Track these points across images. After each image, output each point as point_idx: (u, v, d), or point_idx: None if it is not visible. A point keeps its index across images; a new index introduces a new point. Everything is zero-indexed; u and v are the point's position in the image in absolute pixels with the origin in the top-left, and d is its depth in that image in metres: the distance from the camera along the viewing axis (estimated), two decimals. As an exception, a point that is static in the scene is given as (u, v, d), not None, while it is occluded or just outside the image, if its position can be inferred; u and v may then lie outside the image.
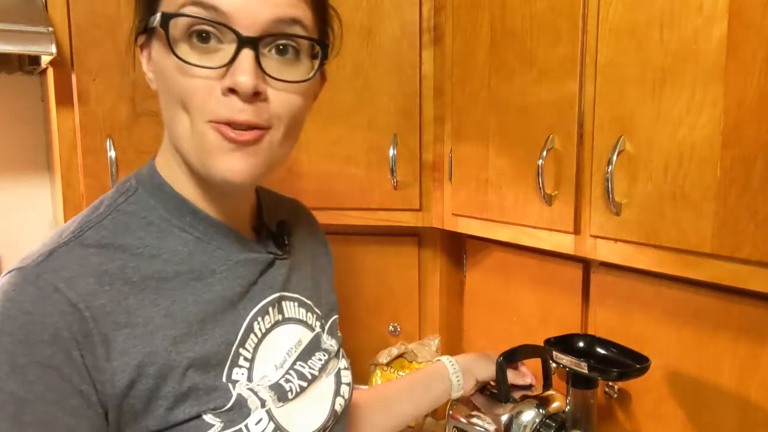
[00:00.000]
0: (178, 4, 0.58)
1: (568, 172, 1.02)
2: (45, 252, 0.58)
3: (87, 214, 0.64)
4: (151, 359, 0.59)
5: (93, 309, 0.56)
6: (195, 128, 0.59)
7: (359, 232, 1.58)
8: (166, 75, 0.60)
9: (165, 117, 0.64)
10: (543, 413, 1.15)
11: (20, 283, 0.56)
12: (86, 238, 0.60)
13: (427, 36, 1.33)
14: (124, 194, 0.66)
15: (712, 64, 0.79)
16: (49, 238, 0.62)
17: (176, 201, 0.65)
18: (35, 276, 0.56)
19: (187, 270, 0.64)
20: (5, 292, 0.55)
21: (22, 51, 1.20)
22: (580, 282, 1.24)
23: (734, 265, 0.79)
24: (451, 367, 1.08)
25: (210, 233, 0.66)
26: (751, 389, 0.96)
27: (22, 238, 1.69)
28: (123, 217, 0.63)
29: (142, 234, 0.63)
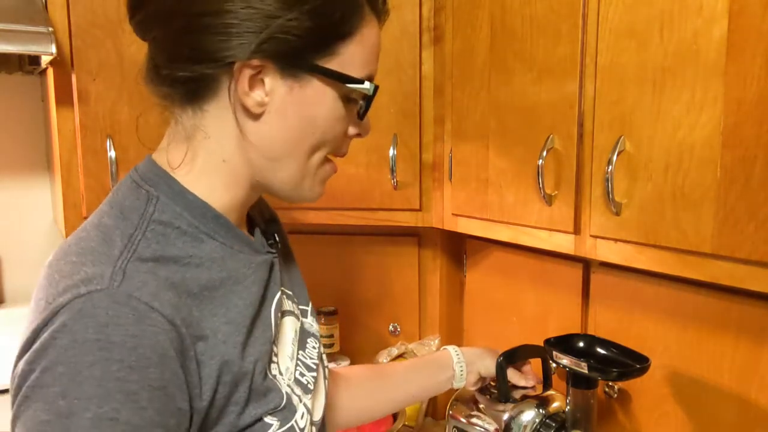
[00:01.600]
0: (367, 73, 0.66)
1: (568, 172, 1.02)
2: (116, 270, 0.55)
3: (117, 225, 0.61)
4: (228, 368, 0.60)
5: (184, 323, 0.56)
6: (315, 160, 0.67)
7: (359, 232, 1.58)
8: (316, 117, 0.65)
9: (277, 147, 0.64)
10: (543, 413, 1.15)
11: (112, 306, 0.53)
12: (141, 253, 0.58)
13: (427, 36, 1.33)
14: (149, 203, 0.63)
15: (712, 64, 0.79)
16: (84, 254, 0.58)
17: (200, 207, 0.64)
18: (126, 296, 0.54)
19: (227, 276, 0.64)
20: (94, 316, 0.52)
21: (22, 51, 1.20)
22: (580, 282, 1.24)
23: (734, 265, 0.79)
24: (456, 356, 1.09)
25: (230, 238, 0.66)
26: (751, 389, 0.96)
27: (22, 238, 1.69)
28: (159, 227, 0.61)
29: (180, 244, 0.62)
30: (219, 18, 0.58)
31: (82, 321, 0.52)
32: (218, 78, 0.62)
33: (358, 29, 0.64)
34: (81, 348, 0.51)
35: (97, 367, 0.51)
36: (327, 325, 1.57)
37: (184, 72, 0.61)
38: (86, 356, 0.51)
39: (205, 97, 0.63)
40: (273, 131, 0.64)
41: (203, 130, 0.64)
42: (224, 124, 0.63)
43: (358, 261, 1.62)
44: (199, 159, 0.65)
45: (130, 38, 1.28)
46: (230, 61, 0.60)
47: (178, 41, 0.61)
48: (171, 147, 0.66)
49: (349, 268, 1.63)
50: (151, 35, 0.64)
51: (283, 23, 0.59)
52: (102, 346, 0.51)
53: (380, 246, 1.59)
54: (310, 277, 1.66)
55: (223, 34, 0.59)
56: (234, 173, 0.66)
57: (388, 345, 1.59)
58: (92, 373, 0.51)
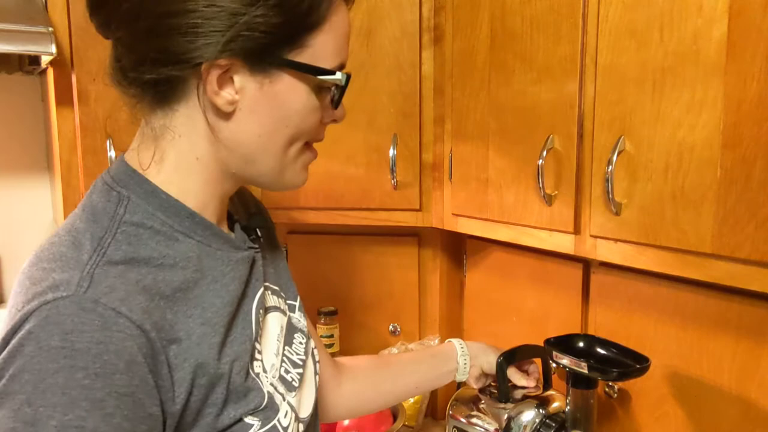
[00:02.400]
0: (339, 62, 0.65)
1: (568, 172, 1.02)
2: (84, 276, 0.55)
3: (87, 228, 0.60)
4: (203, 370, 0.59)
5: (154, 327, 0.56)
6: (293, 151, 0.67)
7: (359, 232, 1.58)
8: (290, 111, 0.64)
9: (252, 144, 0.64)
10: (543, 413, 1.15)
11: (77, 313, 0.52)
12: (110, 256, 0.57)
13: (427, 36, 1.33)
14: (119, 204, 0.62)
15: (712, 64, 0.79)
16: (54, 260, 0.57)
17: (174, 206, 0.64)
18: (92, 302, 0.53)
19: (202, 275, 0.63)
20: (60, 323, 0.52)
21: (22, 51, 1.20)
22: (580, 282, 1.24)
23: (734, 265, 0.79)
24: (461, 349, 1.08)
25: (207, 236, 0.66)
26: (751, 389, 0.96)
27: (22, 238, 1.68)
28: (131, 228, 0.60)
29: (153, 244, 0.61)
30: (184, 18, 0.57)
31: (47, 328, 0.52)
32: (186, 79, 0.61)
33: (326, 18, 0.62)
34: (46, 355, 0.51)
35: (61, 374, 0.51)
36: (327, 325, 1.57)
37: (151, 74, 0.60)
38: (50, 363, 0.51)
39: (174, 98, 0.62)
40: (246, 129, 0.63)
41: (173, 130, 0.63)
42: (195, 124, 0.63)
43: (358, 261, 1.62)
44: (170, 159, 0.64)
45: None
46: (198, 62, 0.59)
47: (144, 43, 0.60)
48: (141, 147, 0.66)
49: (349, 268, 1.63)
50: (115, 36, 0.62)
51: (249, 20, 0.58)
52: (66, 353, 0.51)
53: (380, 246, 1.59)
54: (310, 277, 1.66)
55: (189, 35, 0.58)
56: (209, 170, 0.65)
57: (388, 345, 1.59)
58: (56, 380, 0.50)
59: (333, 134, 1.37)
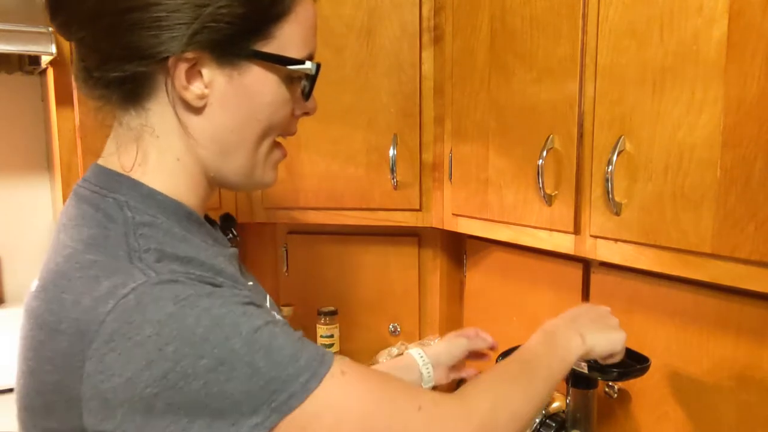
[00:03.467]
0: (307, 52, 0.64)
1: (568, 172, 1.02)
2: (142, 267, 0.54)
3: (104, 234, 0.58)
4: None
5: None
6: (265, 147, 0.66)
7: (359, 232, 1.58)
8: (261, 104, 0.63)
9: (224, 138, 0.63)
10: (543, 413, 1.15)
11: (166, 286, 0.53)
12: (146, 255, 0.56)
13: (427, 36, 1.33)
14: (122, 209, 0.60)
15: (712, 64, 0.79)
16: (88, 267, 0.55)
17: (172, 207, 0.63)
18: (171, 279, 0.54)
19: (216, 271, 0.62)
20: (160, 297, 0.52)
21: (22, 51, 1.20)
22: (580, 282, 1.24)
23: (734, 265, 0.79)
24: (420, 359, 1.04)
25: (202, 233, 0.65)
26: (751, 389, 0.96)
27: (22, 238, 1.68)
28: (145, 229, 0.59)
29: (167, 242, 0.60)
30: (147, 12, 0.56)
31: (149, 307, 0.51)
32: (154, 75, 0.60)
33: (291, 9, 0.62)
34: (173, 319, 0.51)
35: (204, 317, 0.52)
36: (327, 325, 1.57)
37: (117, 72, 0.59)
38: (186, 319, 0.51)
39: (144, 96, 0.61)
40: (218, 123, 0.62)
41: (151, 128, 0.62)
42: (169, 122, 0.62)
43: (358, 261, 1.62)
44: (152, 159, 0.63)
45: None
46: (164, 57, 0.57)
47: (107, 41, 0.58)
48: (121, 150, 0.64)
49: (349, 268, 1.63)
50: (77, 36, 0.61)
51: (214, 11, 0.57)
52: (191, 304, 0.52)
53: (380, 246, 1.59)
54: (310, 277, 1.66)
55: (153, 29, 0.57)
56: (190, 170, 0.64)
57: (388, 345, 1.59)
58: (203, 324, 0.52)
59: (333, 134, 1.38)
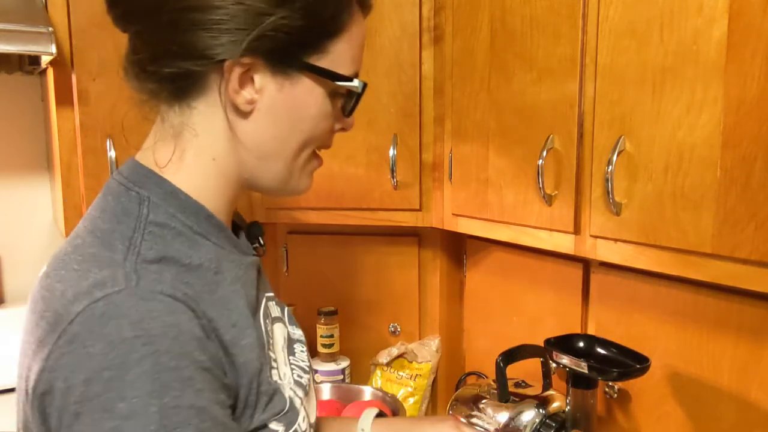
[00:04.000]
0: (354, 69, 0.66)
1: (568, 172, 1.02)
2: (128, 272, 0.55)
3: (114, 229, 0.59)
4: (246, 368, 0.59)
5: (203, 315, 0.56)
6: (303, 156, 0.67)
7: (359, 232, 1.58)
8: (306, 115, 0.64)
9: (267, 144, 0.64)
10: (543, 413, 1.15)
11: (139, 303, 0.53)
12: (145, 255, 0.57)
13: (427, 36, 1.33)
14: (141, 205, 0.61)
15: (712, 64, 0.79)
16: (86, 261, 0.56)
17: (193, 207, 0.63)
18: (150, 291, 0.54)
19: (223, 277, 0.63)
20: (124, 315, 0.52)
21: (22, 51, 1.20)
22: (580, 282, 1.24)
23: (734, 265, 0.79)
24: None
25: (221, 239, 0.65)
26: (751, 389, 0.96)
27: (22, 238, 1.68)
28: (156, 229, 0.60)
29: (178, 245, 0.60)
30: (208, 14, 0.57)
31: (110, 323, 0.51)
32: (207, 75, 0.60)
33: (347, 26, 0.63)
34: (122, 348, 0.50)
35: (146, 361, 0.50)
36: (327, 325, 1.57)
37: (171, 68, 0.59)
38: (131, 354, 0.50)
39: (192, 95, 0.62)
40: (263, 129, 0.63)
41: (192, 127, 0.63)
42: (214, 122, 0.62)
43: (358, 261, 1.62)
44: (188, 157, 0.63)
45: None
46: (220, 59, 0.58)
47: (165, 36, 0.59)
48: (158, 145, 0.65)
49: (349, 268, 1.63)
50: (135, 28, 0.62)
51: (275, 20, 0.58)
52: (145, 341, 0.51)
53: (380, 246, 1.59)
54: (310, 277, 1.66)
55: (213, 31, 0.57)
56: (224, 172, 0.65)
57: (388, 345, 1.59)
58: (143, 368, 0.50)
59: (333, 134, 1.38)
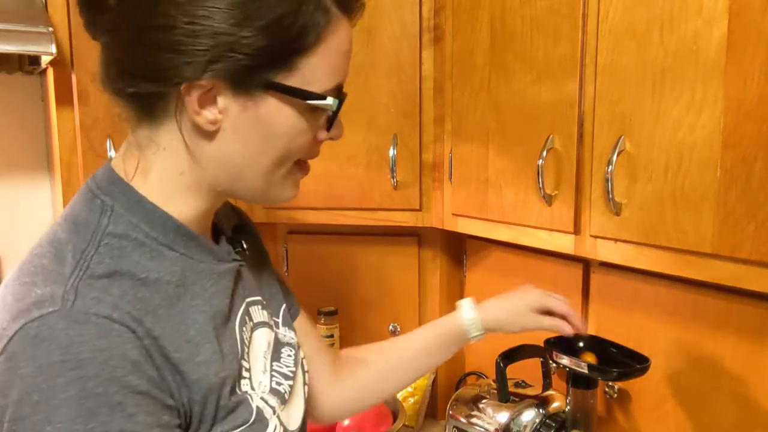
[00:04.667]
0: (336, 82, 0.62)
1: (568, 172, 1.02)
2: (68, 290, 0.53)
3: (69, 240, 0.58)
4: (199, 385, 0.58)
5: (146, 336, 0.55)
6: (282, 171, 0.64)
7: (359, 232, 1.58)
8: (275, 133, 0.61)
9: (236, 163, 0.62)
10: (543, 413, 1.15)
11: (71, 326, 0.51)
12: (93, 269, 0.56)
13: (427, 36, 1.33)
14: (102, 214, 0.60)
15: (712, 64, 0.79)
16: (36, 273, 0.56)
17: (160, 217, 0.62)
18: (83, 314, 0.52)
19: (184, 291, 0.61)
20: (54, 339, 0.51)
21: (22, 51, 1.20)
22: (580, 282, 1.24)
23: (734, 265, 0.79)
24: (473, 326, 0.99)
25: (191, 248, 0.63)
26: (751, 389, 0.96)
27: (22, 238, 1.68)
28: (114, 240, 0.58)
29: (137, 257, 0.59)
30: (166, 34, 0.55)
31: (42, 345, 0.50)
32: (168, 95, 0.59)
33: (321, 39, 0.59)
34: (49, 372, 0.50)
35: (73, 387, 0.50)
36: (327, 325, 1.57)
37: (132, 88, 0.59)
38: (57, 379, 0.50)
39: (157, 113, 0.60)
40: (230, 149, 0.61)
41: (157, 143, 0.61)
42: (176, 139, 0.61)
43: (358, 261, 1.62)
44: (154, 171, 0.62)
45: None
46: (177, 81, 0.56)
47: (125, 54, 0.58)
48: (126, 156, 0.64)
49: (349, 268, 1.63)
50: (101, 40, 0.61)
51: (234, 41, 0.55)
52: (72, 366, 0.50)
53: (380, 246, 1.59)
54: (310, 277, 1.66)
55: (170, 52, 0.55)
56: (193, 185, 0.63)
57: (388, 345, 1.59)
58: (69, 393, 0.50)
59: (333, 134, 1.38)
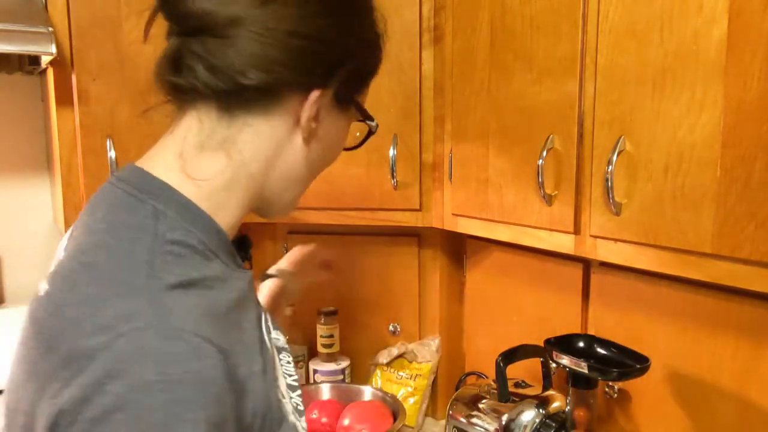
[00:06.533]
0: None
1: (568, 172, 1.02)
2: (152, 302, 0.51)
3: (128, 248, 0.55)
4: (258, 400, 0.56)
5: (224, 352, 0.52)
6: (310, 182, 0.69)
7: (359, 232, 1.58)
8: (337, 142, 0.68)
9: (304, 170, 0.65)
10: (543, 413, 1.15)
11: (164, 343, 0.49)
12: (166, 279, 0.53)
13: (427, 36, 1.33)
14: (156, 220, 0.57)
15: (712, 64, 0.79)
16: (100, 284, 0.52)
17: (207, 223, 0.59)
18: (175, 330, 0.50)
19: (235, 296, 0.59)
20: (149, 355, 0.48)
21: (22, 51, 1.20)
22: (580, 282, 1.24)
23: (734, 265, 0.79)
24: None
25: (227, 256, 0.62)
26: (751, 389, 0.96)
27: (22, 238, 1.69)
28: (174, 248, 0.55)
29: (196, 264, 0.56)
30: (311, 42, 0.59)
31: (135, 362, 0.48)
32: (281, 97, 0.60)
33: None
34: (141, 392, 0.47)
35: (161, 411, 0.47)
36: (327, 325, 1.57)
37: (252, 81, 0.58)
38: (148, 400, 0.47)
39: (253, 111, 0.60)
40: (304, 157, 0.65)
41: (240, 143, 0.60)
42: (264, 142, 0.61)
43: (358, 261, 1.62)
44: (226, 172, 0.61)
45: (130, 38, 1.28)
46: (308, 87, 0.61)
47: (264, 48, 0.58)
48: (194, 153, 0.60)
49: (349, 268, 1.63)
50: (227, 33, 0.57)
51: (359, 61, 0.63)
52: (163, 387, 0.47)
53: (380, 246, 1.59)
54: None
55: (310, 56, 0.60)
56: (249, 191, 0.63)
57: (388, 345, 1.59)
58: (157, 418, 0.47)
59: (333, 134, 1.37)
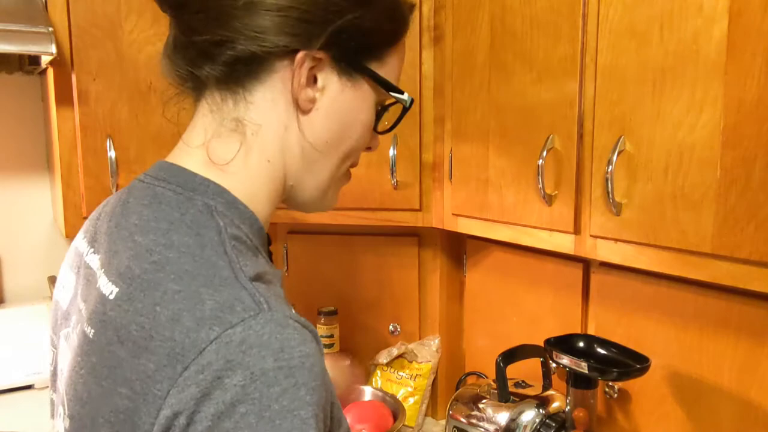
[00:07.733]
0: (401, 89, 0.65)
1: (568, 172, 1.02)
2: (251, 292, 0.50)
3: (198, 243, 0.53)
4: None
5: None
6: (343, 168, 0.66)
7: (359, 232, 1.58)
8: (352, 117, 0.63)
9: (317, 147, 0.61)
10: (543, 413, 1.15)
11: (278, 330, 0.49)
12: (247, 272, 0.52)
13: (427, 36, 1.33)
14: (212, 216, 0.56)
15: (712, 64, 0.79)
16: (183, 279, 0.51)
17: (251, 218, 0.59)
18: (284, 317, 0.50)
19: (283, 294, 0.58)
20: (266, 344, 0.48)
21: (22, 51, 1.20)
22: (580, 282, 1.24)
23: (734, 265, 0.79)
24: None
25: (262, 250, 0.61)
26: (751, 389, 0.96)
27: (22, 238, 1.69)
28: (236, 243, 0.55)
29: (252, 259, 0.56)
30: (288, 0, 0.55)
31: (252, 351, 0.47)
32: (271, 66, 0.57)
33: (401, 39, 0.64)
34: (263, 380, 0.46)
35: (286, 396, 0.47)
36: (327, 325, 1.57)
37: (235, 52, 0.56)
38: (272, 388, 0.46)
39: (249, 87, 0.58)
40: (316, 131, 0.60)
41: (251, 123, 0.58)
42: (271, 119, 0.59)
43: (358, 261, 1.62)
44: (252, 157, 0.59)
45: (130, 38, 1.28)
46: (294, 48, 0.56)
47: (237, 19, 0.56)
48: (214, 141, 0.59)
49: (349, 268, 1.63)
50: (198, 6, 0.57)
51: (351, 19, 0.57)
52: (286, 373, 0.47)
53: (380, 246, 1.59)
54: (310, 277, 1.66)
55: (291, 19, 0.56)
56: (275, 176, 0.61)
57: (388, 345, 1.59)
58: (283, 404, 0.46)
59: (333, 134, 1.37)
